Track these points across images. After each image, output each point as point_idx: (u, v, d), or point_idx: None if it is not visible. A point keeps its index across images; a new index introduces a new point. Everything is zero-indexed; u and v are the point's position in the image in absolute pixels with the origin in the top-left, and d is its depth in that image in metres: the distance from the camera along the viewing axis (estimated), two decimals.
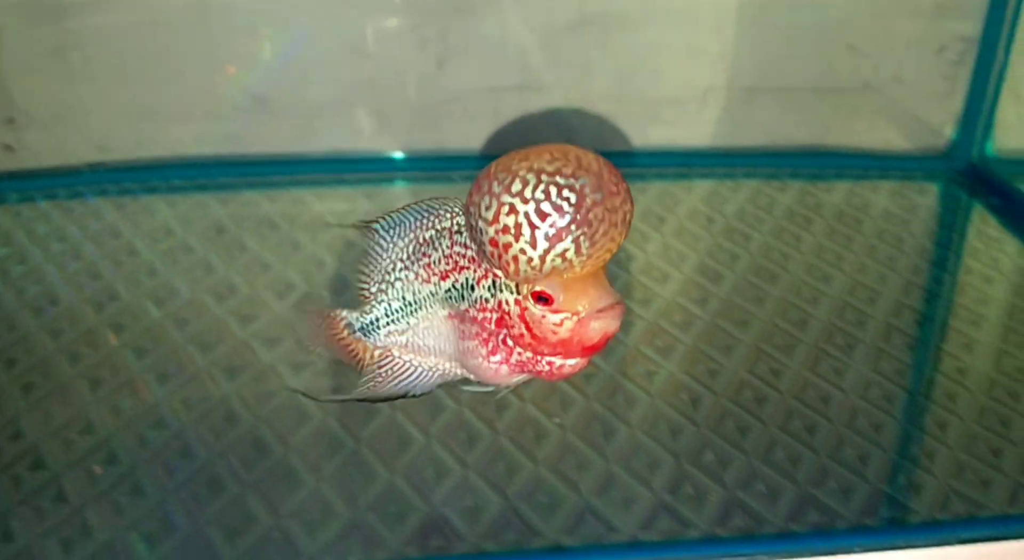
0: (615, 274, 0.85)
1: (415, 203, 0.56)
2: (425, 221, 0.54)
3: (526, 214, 0.47)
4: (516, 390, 0.67)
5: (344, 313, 0.59)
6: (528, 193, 0.47)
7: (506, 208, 0.48)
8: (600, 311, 0.50)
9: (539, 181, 0.47)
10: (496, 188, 0.48)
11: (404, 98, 1.00)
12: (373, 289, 0.56)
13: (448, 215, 0.54)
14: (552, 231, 0.48)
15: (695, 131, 1.05)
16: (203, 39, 0.95)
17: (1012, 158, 1.02)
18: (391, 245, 0.55)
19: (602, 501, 0.62)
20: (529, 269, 0.49)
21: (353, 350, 0.61)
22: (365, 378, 0.60)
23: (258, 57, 0.97)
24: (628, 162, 1.05)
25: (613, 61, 1.01)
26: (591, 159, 0.49)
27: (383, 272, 0.56)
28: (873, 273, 0.86)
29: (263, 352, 0.73)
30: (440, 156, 1.03)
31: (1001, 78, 1.00)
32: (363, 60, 0.97)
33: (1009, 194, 0.98)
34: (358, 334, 0.59)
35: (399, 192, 0.99)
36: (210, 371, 0.71)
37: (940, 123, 1.04)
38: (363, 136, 1.02)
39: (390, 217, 0.55)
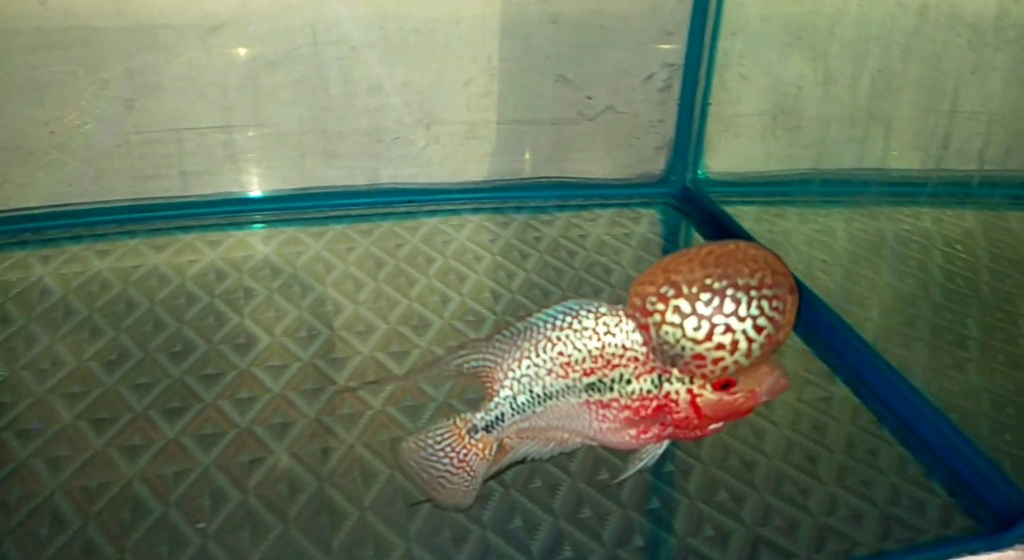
0: (318, 330, 0.82)
1: (541, 310, 0.57)
2: (557, 322, 0.55)
3: (743, 331, 0.50)
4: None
5: (468, 416, 0.59)
6: (743, 311, 0.50)
7: (720, 328, 0.50)
8: (772, 384, 0.54)
9: (750, 298, 0.50)
10: (704, 310, 0.50)
11: (88, 144, 0.94)
12: (496, 387, 0.58)
13: (590, 316, 0.55)
14: (766, 341, 0.51)
15: (419, 168, 1.03)
16: None
17: (721, 181, 1.05)
18: (512, 347, 0.56)
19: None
20: (735, 372, 0.52)
21: (468, 455, 0.59)
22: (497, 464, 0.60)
23: None
24: (354, 202, 1.02)
25: (335, 96, 0.98)
26: (769, 256, 0.52)
27: (506, 369, 0.57)
28: None
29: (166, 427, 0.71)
30: (140, 206, 0.98)
31: (706, 102, 1.03)
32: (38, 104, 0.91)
33: (718, 218, 1.01)
34: (480, 433, 0.58)
35: (103, 247, 0.93)
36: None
37: (655, 150, 1.06)
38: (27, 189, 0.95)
39: (514, 327, 0.57)
